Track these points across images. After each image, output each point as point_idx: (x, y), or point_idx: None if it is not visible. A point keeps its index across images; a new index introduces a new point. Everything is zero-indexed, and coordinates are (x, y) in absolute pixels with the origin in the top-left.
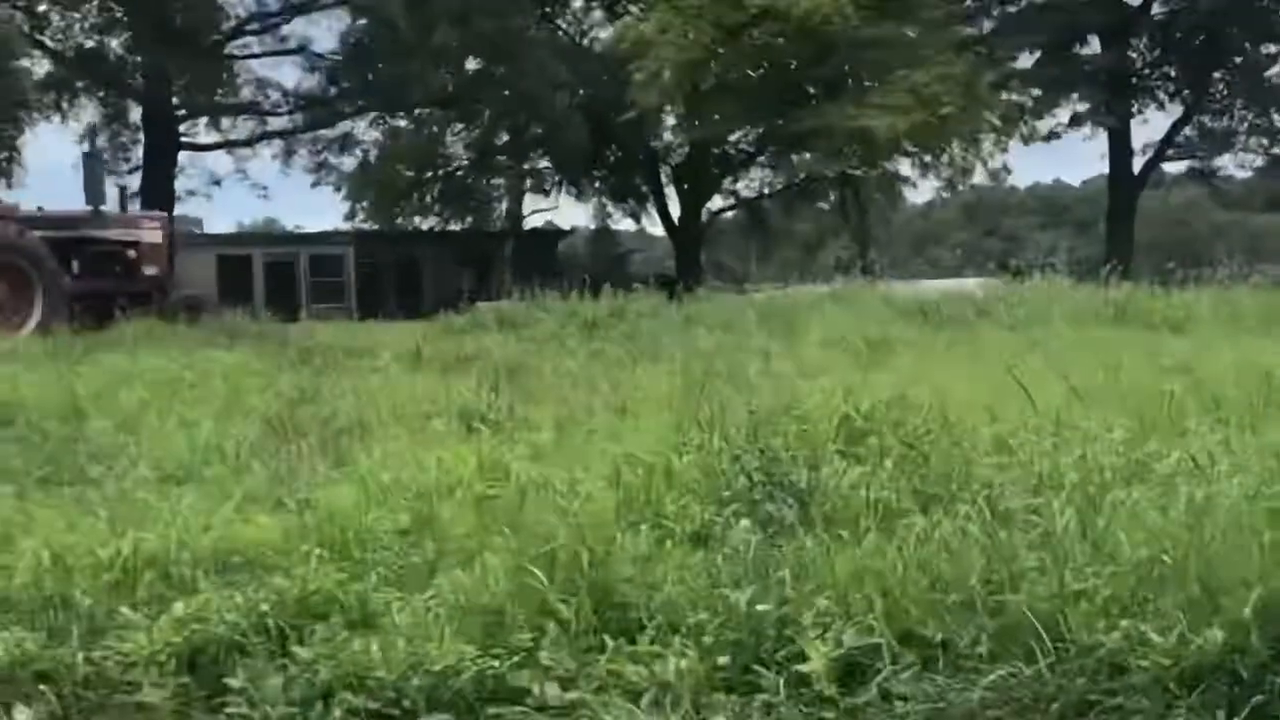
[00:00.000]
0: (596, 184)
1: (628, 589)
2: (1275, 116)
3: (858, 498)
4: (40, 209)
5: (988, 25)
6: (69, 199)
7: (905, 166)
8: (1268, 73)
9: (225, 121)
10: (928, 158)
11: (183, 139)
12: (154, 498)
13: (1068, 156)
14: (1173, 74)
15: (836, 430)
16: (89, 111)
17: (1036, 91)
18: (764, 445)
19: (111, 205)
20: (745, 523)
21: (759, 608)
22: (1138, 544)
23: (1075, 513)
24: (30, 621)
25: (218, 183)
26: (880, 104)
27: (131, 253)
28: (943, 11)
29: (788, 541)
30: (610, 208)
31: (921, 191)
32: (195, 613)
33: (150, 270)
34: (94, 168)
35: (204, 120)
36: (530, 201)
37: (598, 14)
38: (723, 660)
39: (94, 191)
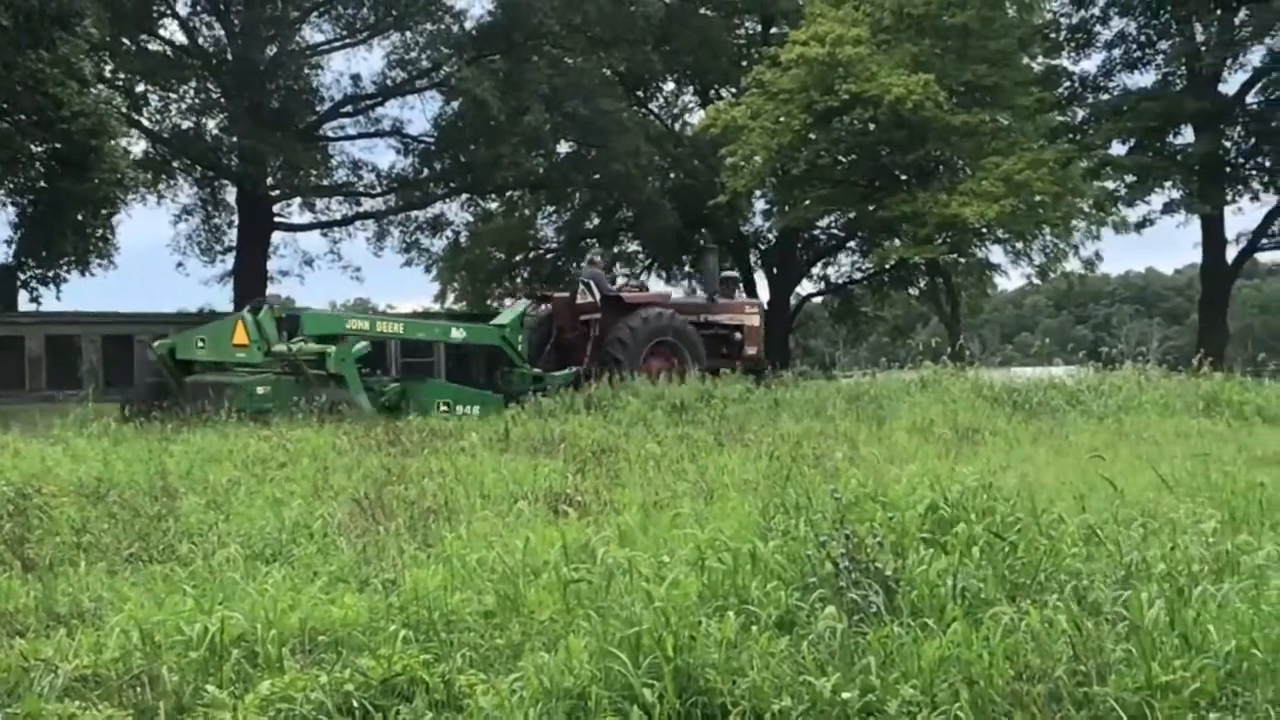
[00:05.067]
0: (686, 267)
1: (712, 674)
2: None
3: (944, 586)
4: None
5: (1080, 113)
6: (158, 278)
7: (996, 253)
8: None
9: (319, 202)
10: (1019, 245)
11: (277, 219)
12: (241, 576)
13: (1161, 245)
14: (1267, 163)
15: (923, 518)
16: (184, 192)
17: (1130, 179)
18: (850, 532)
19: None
20: (830, 609)
21: (844, 695)
22: (1227, 637)
23: (1164, 604)
24: (118, 698)
25: (310, 263)
26: (971, 190)
27: (738, 335)
28: (1035, 99)
29: (873, 629)
30: (700, 291)
31: (1012, 279)
32: (281, 692)
33: (750, 350)
34: (710, 261)
35: (298, 201)
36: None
37: (689, 99)
38: None
39: (709, 281)
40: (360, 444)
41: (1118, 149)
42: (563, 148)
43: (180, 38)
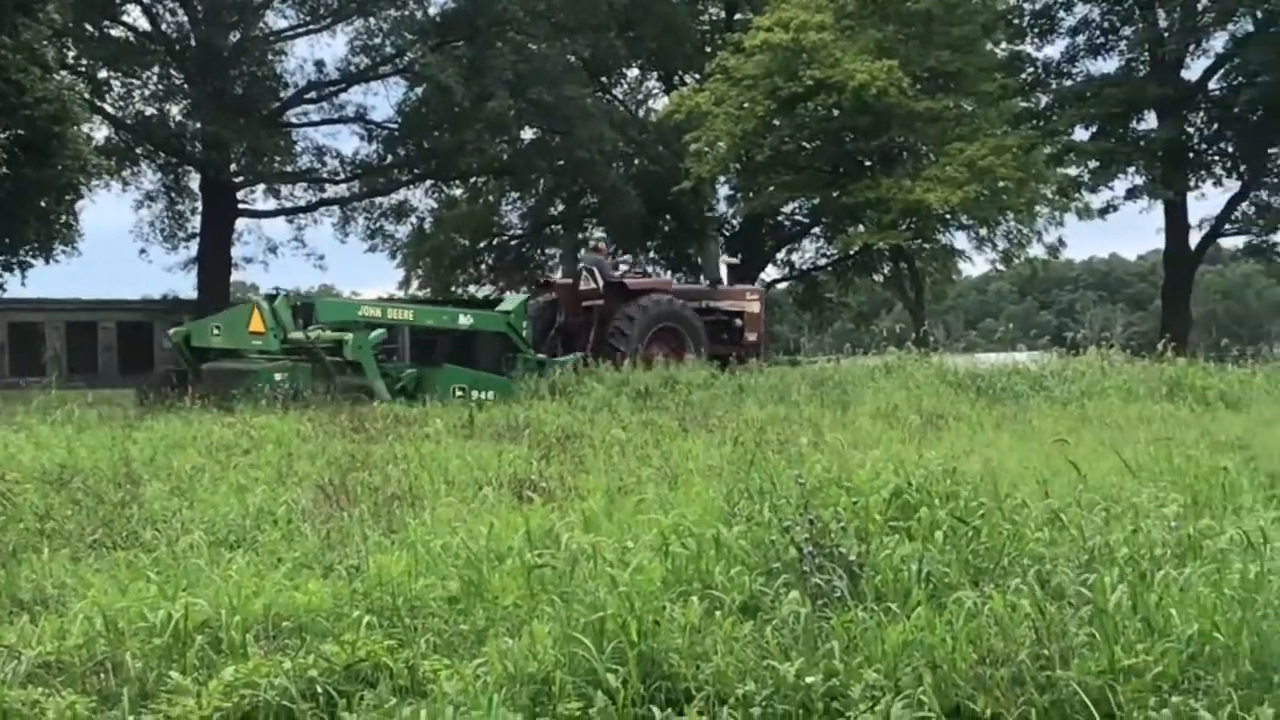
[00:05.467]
0: (650, 253)
1: (676, 659)
2: None
3: (908, 571)
4: (678, 281)
5: (1044, 99)
6: (122, 264)
7: (960, 239)
8: None
9: (283, 189)
10: (983, 231)
11: (241, 206)
12: (205, 562)
13: (1124, 231)
14: (1230, 149)
15: (888, 503)
16: (148, 178)
17: (1093, 164)
18: (814, 517)
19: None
20: (794, 594)
21: (807, 680)
22: (1189, 620)
23: (1126, 588)
24: (81, 684)
25: (274, 250)
26: (935, 176)
27: (739, 321)
28: (999, 85)
29: (837, 614)
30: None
31: (977, 264)
32: (244, 678)
33: (751, 336)
34: (712, 248)
35: (262, 188)
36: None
37: (653, 85)
38: None
39: (711, 268)
40: (324, 430)
41: (1081, 135)
42: (527, 134)
43: (143, 24)
